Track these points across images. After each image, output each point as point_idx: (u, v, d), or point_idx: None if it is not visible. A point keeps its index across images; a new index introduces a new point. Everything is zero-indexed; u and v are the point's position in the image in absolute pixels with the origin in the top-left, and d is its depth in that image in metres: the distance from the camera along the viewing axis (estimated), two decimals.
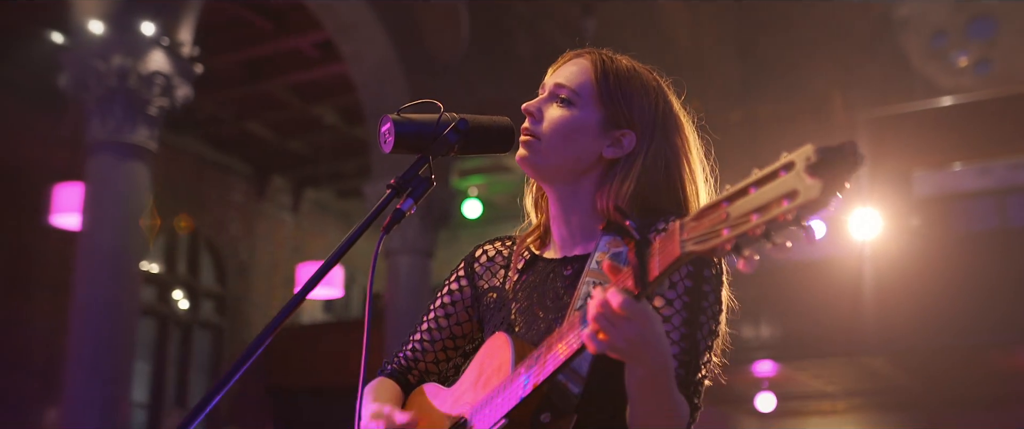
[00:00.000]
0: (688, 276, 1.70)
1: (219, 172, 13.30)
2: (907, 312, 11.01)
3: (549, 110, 1.80)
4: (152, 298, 12.29)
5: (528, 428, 1.56)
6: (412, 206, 1.64)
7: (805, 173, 1.09)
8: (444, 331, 1.99)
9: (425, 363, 2.00)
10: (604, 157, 1.79)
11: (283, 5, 10.26)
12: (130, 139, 7.43)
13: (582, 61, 1.83)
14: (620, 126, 1.79)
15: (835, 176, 1.08)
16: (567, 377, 1.57)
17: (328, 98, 12.20)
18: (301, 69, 11.36)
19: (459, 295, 1.98)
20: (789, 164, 1.11)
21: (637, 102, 1.79)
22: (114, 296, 7.43)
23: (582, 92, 1.79)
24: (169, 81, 7.61)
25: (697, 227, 1.22)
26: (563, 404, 1.57)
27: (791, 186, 1.10)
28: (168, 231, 12.54)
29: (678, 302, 1.68)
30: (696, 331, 1.68)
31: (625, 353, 1.41)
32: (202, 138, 12.92)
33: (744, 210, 1.15)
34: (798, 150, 1.11)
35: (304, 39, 10.72)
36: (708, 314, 1.71)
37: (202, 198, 13.00)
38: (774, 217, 1.11)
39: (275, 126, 12.92)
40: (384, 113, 6.59)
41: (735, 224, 1.16)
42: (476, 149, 1.74)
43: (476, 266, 1.98)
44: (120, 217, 7.45)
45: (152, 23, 7.53)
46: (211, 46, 9.70)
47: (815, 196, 1.08)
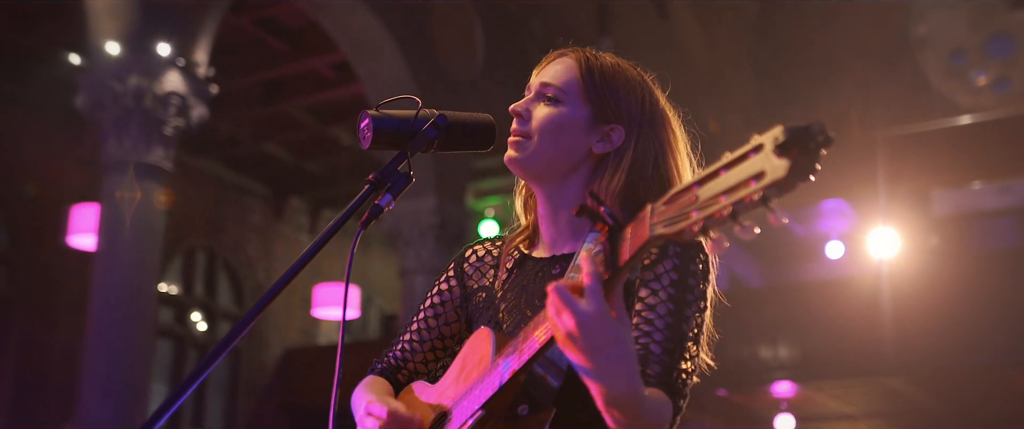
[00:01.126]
0: (674, 269, 1.69)
1: (237, 193, 13.37)
2: (926, 332, 10.91)
3: (537, 109, 1.81)
4: (170, 319, 12.34)
5: (505, 420, 1.55)
6: (391, 202, 1.64)
7: (773, 153, 1.08)
8: (433, 331, 1.99)
9: (414, 363, 2.00)
10: (593, 153, 1.79)
11: (299, 26, 10.33)
12: (146, 159, 7.47)
13: (566, 59, 1.84)
14: (608, 121, 1.79)
15: (802, 156, 1.07)
16: (546, 370, 1.56)
17: (345, 119, 12.25)
18: (318, 90, 11.42)
19: (449, 295, 1.99)
20: (758, 146, 1.11)
21: (624, 97, 1.80)
22: (130, 316, 7.44)
23: (569, 89, 1.80)
24: (185, 101, 7.65)
25: (667, 210, 1.22)
26: (542, 396, 1.55)
27: (759, 167, 1.10)
28: (186, 253, 12.60)
29: (663, 293, 1.68)
30: (681, 323, 1.67)
31: (582, 346, 1.34)
32: (220, 160, 12.99)
33: (713, 192, 1.15)
34: (768, 132, 1.10)
35: (320, 60, 10.78)
36: (693, 307, 1.70)
37: (220, 220, 13.06)
38: (741, 198, 1.11)
39: (292, 147, 12.98)
40: None
41: (704, 206, 1.16)
42: (456, 146, 1.74)
43: (466, 266, 1.99)
44: (136, 237, 7.49)
45: (168, 44, 7.59)
46: (228, 67, 9.79)
47: (781, 176, 1.07)
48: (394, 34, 9.75)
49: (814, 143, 1.08)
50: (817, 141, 1.08)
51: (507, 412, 1.55)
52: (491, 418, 1.55)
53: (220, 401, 12.95)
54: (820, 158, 1.08)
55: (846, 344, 11.39)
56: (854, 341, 11.34)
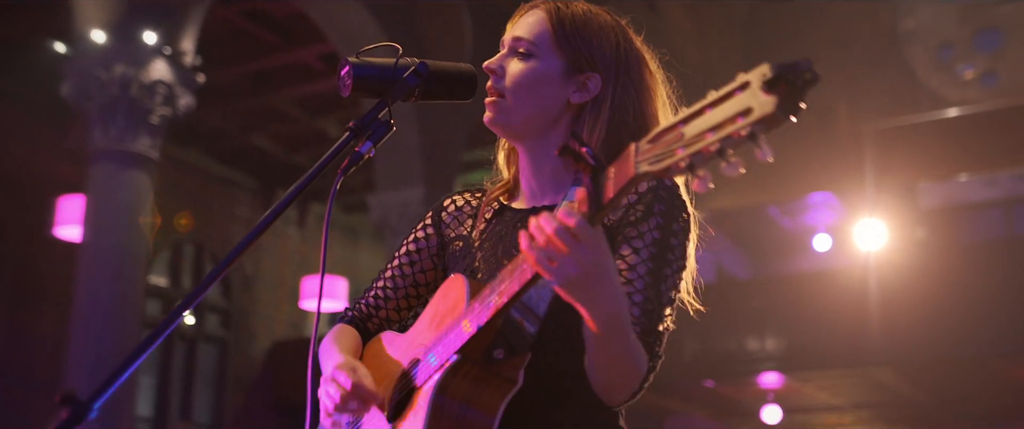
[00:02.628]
0: (656, 227, 1.69)
1: (224, 186, 13.33)
2: (913, 323, 10.95)
3: (510, 65, 1.80)
4: (157, 312, 12.29)
5: (481, 364, 1.55)
6: (371, 149, 1.63)
7: (760, 90, 1.10)
8: (407, 279, 1.97)
9: (387, 311, 1.99)
10: (572, 103, 1.79)
11: (287, 17, 10.29)
12: (132, 148, 7.44)
13: (537, 12, 1.83)
14: (583, 70, 1.78)
15: (790, 92, 1.09)
16: (523, 315, 1.56)
17: (333, 111, 12.23)
18: (306, 82, 11.39)
19: (425, 243, 1.98)
20: (745, 83, 1.12)
21: (597, 43, 1.79)
22: (117, 309, 7.41)
23: (540, 42, 1.79)
24: (171, 90, 7.62)
25: (652, 149, 1.22)
26: (517, 342, 1.55)
27: (746, 103, 1.11)
28: (173, 245, 12.55)
29: (645, 252, 1.68)
30: (660, 283, 1.68)
31: (575, 283, 1.37)
32: (207, 152, 12.95)
33: (700, 129, 1.15)
34: (754, 69, 1.11)
35: (309, 52, 10.75)
36: (673, 267, 1.70)
37: (208, 212, 13.02)
38: (728, 134, 1.12)
39: (280, 140, 12.95)
40: None
41: (690, 143, 1.16)
42: (438, 95, 1.73)
43: (444, 215, 1.98)
44: (122, 226, 7.45)
45: (154, 32, 7.56)
46: (215, 59, 9.74)
47: (770, 111, 1.08)
48: (383, 26, 9.73)
49: (801, 80, 1.09)
50: (804, 78, 1.09)
51: (483, 356, 1.55)
52: (466, 362, 1.55)
53: (208, 395, 12.91)
54: (806, 95, 1.09)
55: (833, 336, 11.42)
56: (841, 333, 11.37)
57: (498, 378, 1.54)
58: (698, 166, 1.16)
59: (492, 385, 1.54)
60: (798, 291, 11.78)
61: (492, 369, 1.55)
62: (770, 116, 1.09)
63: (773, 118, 1.09)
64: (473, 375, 1.55)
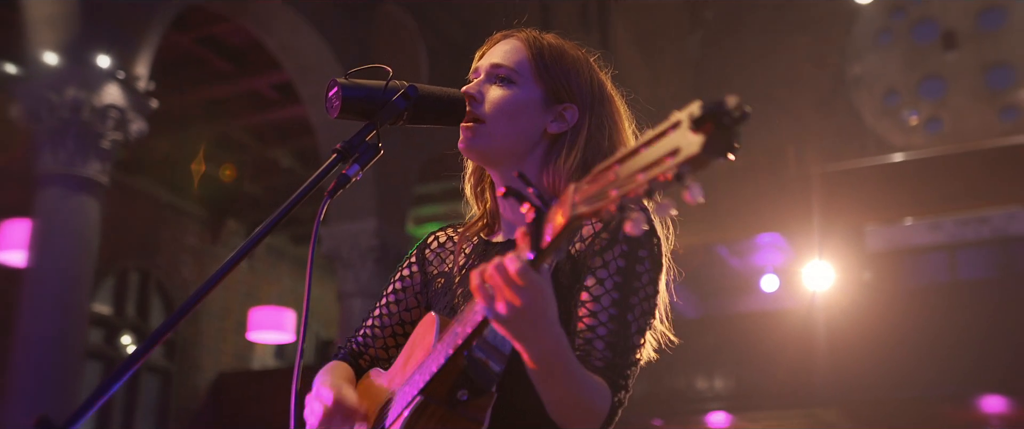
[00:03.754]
0: (621, 256, 1.67)
1: (173, 214, 13.16)
2: (859, 364, 11.08)
3: (490, 91, 1.80)
4: (99, 340, 12.05)
5: (445, 405, 1.52)
6: (358, 172, 1.61)
7: (689, 129, 1.05)
8: (394, 317, 1.97)
9: (375, 349, 1.98)
10: (548, 133, 1.79)
11: (242, 45, 10.24)
12: (82, 172, 7.31)
13: (513, 40, 1.84)
14: (562, 100, 1.79)
15: (717, 131, 1.04)
16: (487, 354, 1.52)
17: (286, 141, 12.15)
18: (259, 111, 11.32)
19: (409, 280, 1.97)
20: (676, 123, 1.08)
21: (573, 76, 1.80)
22: (60, 336, 7.24)
23: (521, 70, 1.79)
24: (124, 115, 7.51)
25: (589, 189, 1.18)
26: (482, 382, 1.52)
27: (675, 143, 1.07)
28: (118, 273, 12.34)
29: (609, 282, 1.66)
30: (626, 312, 1.65)
31: (511, 325, 1.36)
32: (157, 180, 12.78)
33: (632, 170, 1.12)
34: (686, 107, 1.07)
35: (262, 80, 10.69)
36: (640, 296, 1.67)
37: (155, 240, 12.83)
38: (656, 175, 1.08)
39: (231, 169, 12.82)
40: None
41: (622, 184, 1.12)
42: (426, 120, 1.72)
43: (427, 252, 1.98)
44: (69, 252, 7.31)
45: (107, 56, 7.46)
46: (168, 85, 9.65)
47: (694, 152, 1.04)
48: (338, 56, 9.71)
49: (729, 118, 1.04)
50: (732, 116, 1.04)
51: (446, 397, 1.52)
52: (430, 404, 1.53)
53: (150, 426, 12.65)
54: (737, 134, 1.05)
55: (781, 376, 11.51)
56: (788, 373, 11.46)
57: (463, 420, 1.52)
58: (627, 207, 1.13)
59: (458, 427, 1.52)
60: (747, 331, 11.87)
61: (457, 411, 1.52)
62: (696, 157, 1.04)
63: (698, 159, 1.04)
64: (438, 416, 1.53)
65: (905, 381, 10.99)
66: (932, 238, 12.36)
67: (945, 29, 13.68)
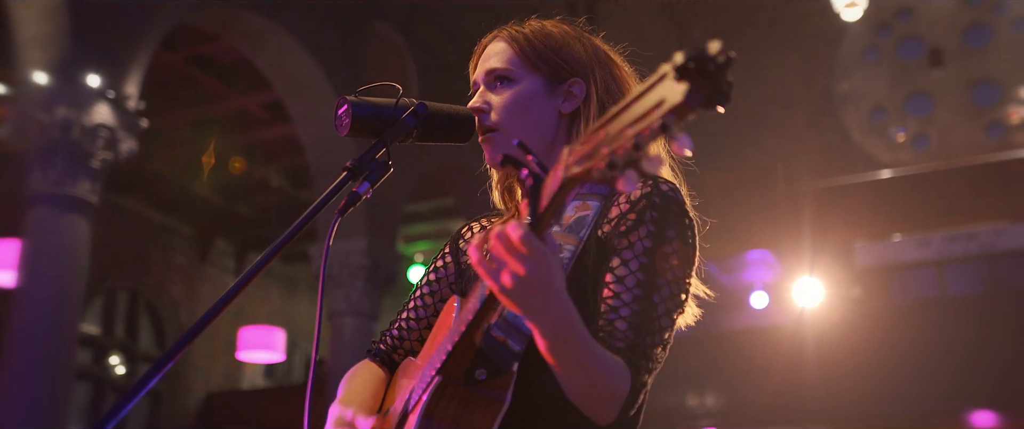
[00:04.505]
0: (648, 236, 1.64)
1: (162, 234, 13.11)
2: (849, 380, 11.09)
3: (493, 98, 1.80)
4: (88, 361, 11.99)
5: (464, 384, 1.50)
6: (369, 190, 1.61)
7: (673, 79, 1.04)
8: (429, 309, 1.95)
9: (410, 342, 1.96)
10: (563, 114, 1.78)
11: (232, 64, 10.24)
12: (71, 192, 7.29)
13: (496, 42, 1.84)
14: (564, 79, 1.79)
15: (701, 78, 1.02)
16: (506, 333, 1.51)
17: (275, 160, 12.14)
18: (249, 130, 11.31)
19: (444, 271, 1.96)
20: (663, 74, 1.06)
21: (565, 51, 1.80)
22: (49, 356, 7.21)
23: (514, 65, 1.79)
24: (114, 134, 7.50)
25: (582, 149, 1.16)
26: (501, 361, 1.50)
27: (661, 95, 1.05)
28: (106, 293, 12.29)
29: (635, 263, 1.62)
30: (652, 293, 1.61)
31: (516, 296, 1.32)
32: (145, 199, 12.75)
33: (621, 126, 1.10)
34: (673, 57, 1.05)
35: (252, 99, 10.68)
36: (669, 276, 1.63)
37: (144, 260, 12.79)
38: (641, 128, 1.06)
39: (220, 188, 12.79)
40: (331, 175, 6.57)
41: (612, 140, 1.10)
42: (436, 137, 1.72)
43: (461, 242, 1.97)
44: (58, 272, 7.28)
45: (97, 75, 7.45)
46: (158, 104, 9.63)
47: (678, 100, 1.02)
48: (328, 75, 9.72)
49: (712, 64, 1.02)
50: (716, 62, 1.02)
51: (464, 377, 1.50)
52: (449, 384, 1.51)
53: None
54: (723, 81, 1.02)
55: (770, 392, 11.51)
56: (778, 389, 11.47)
57: (485, 399, 1.50)
58: (618, 164, 1.09)
59: (480, 406, 1.50)
60: (736, 347, 11.88)
61: (476, 390, 1.50)
62: (679, 105, 1.02)
63: (682, 107, 1.02)
64: (458, 397, 1.51)
65: (894, 396, 11.00)
66: (921, 254, 12.41)
67: (931, 46, 13.76)
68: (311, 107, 9.86)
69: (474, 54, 1.87)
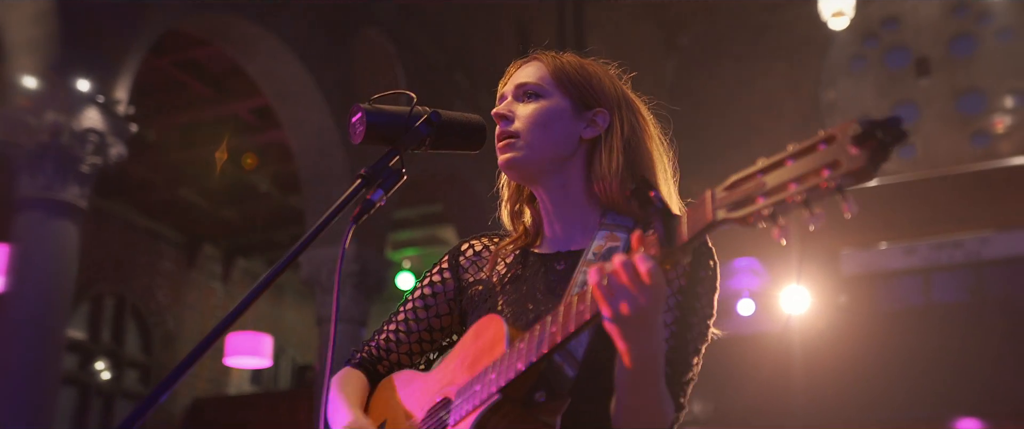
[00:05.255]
0: (682, 275, 1.70)
1: (149, 239, 13.07)
2: (835, 387, 11.14)
3: (519, 108, 1.82)
4: (73, 366, 11.93)
5: (522, 405, 1.53)
6: (383, 197, 1.62)
7: (848, 145, 1.11)
8: (421, 323, 1.95)
9: (397, 354, 1.96)
10: (584, 139, 1.81)
11: (222, 70, 10.22)
12: (60, 197, 7.26)
13: (533, 61, 1.88)
14: (590, 106, 1.82)
15: (879, 148, 1.09)
16: (563, 359, 1.55)
17: (263, 166, 12.11)
18: (237, 135, 11.28)
19: (441, 287, 1.96)
20: (830, 137, 1.13)
21: (596, 82, 1.84)
22: (36, 362, 7.17)
23: (546, 83, 1.83)
24: (103, 139, 7.48)
25: (730, 195, 1.23)
26: (558, 385, 1.54)
27: (832, 157, 1.12)
28: (93, 298, 12.24)
29: (672, 300, 1.68)
30: (686, 331, 1.68)
31: (631, 326, 1.38)
32: (133, 204, 12.70)
33: (781, 180, 1.16)
34: (840, 125, 1.13)
35: (241, 105, 10.66)
36: (700, 316, 1.71)
37: (130, 265, 12.74)
38: (815, 185, 1.13)
39: (208, 193, 12.76)
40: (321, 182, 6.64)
41: (771, 193, 1.17)
42: (447, 145, 1.74)
43: (461, 259, 1.97)
44: (47, 277, 7.25)
45: (87, 80, 7.43)
46: (146, 109, 9.61)
47: (859, 166, 1.10)
48: (318, 81, 9.71)
49: (890, 137, 1.10)
50: (893, 135, 1.10)
51: (525, 397, 1.53)
52: (508, 403, 1.52)
53: None
54: (891, 152, 1.11)
55: (758, 399, 11.55)
56: (765, 396, 11.51)
57: (536, 422, 1.52)
58: (780, 215, 1.17)
59: (531, 428, 1.52)
60: (724, 354, 11.90)
61: (532, 412, 1.53)
62: (859, 171, 1.10)
63: (862, 173, 1.10)
64: (512, 416, 1.53)
65: (880, 403, 11.06)
66: (907, 262, 12.49)
67: (917, 56, 13.86)
68: (301, 113, 9.85)
69: (506, 74, 1.91)
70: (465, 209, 11.29)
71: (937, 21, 13.89)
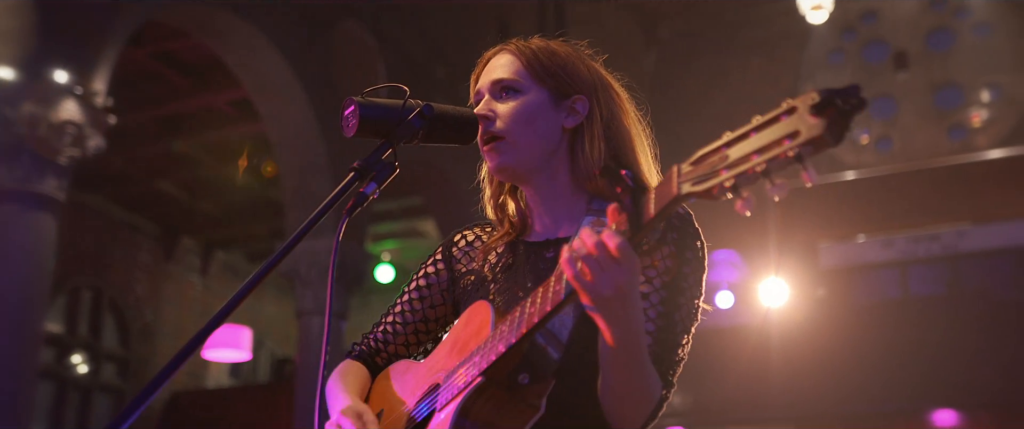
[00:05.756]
0: (669, 256, 1.70)
1: (127, 231, 12.98)
2: (813, 379, 11.20)
3: (499, 107, 1.82)
4: (50, 359, 11.85)
5: (505, 388, 1.54)
6: (376, 190, 1.62)
7: (808, 114, 1.11)
8: (417, 314, 1.97)
9: (395, 346, 1.98)
10: (566, 129, 1.81)
11: (200, 62, 10.16)
12: (38, 189, 7.21)
13: (503, 54, 1.87)
14: (568, 94, 1.82)
15: (838, 116, 1.10)
16: (547, 341, 1.55)
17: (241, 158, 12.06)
18: (215, 127, 11.22)
19: (435, 278, 1.97)
20: (791, 108, 1.14)
21: (571, 69, 1.84)
22: (13, 355, 7.12)
23: (522, 77, 1.82)
24: (81, 131, 7.42)
25: (695, 170, 1.23)
26: (542, 367, 1.54)
27: (793, 127, 1.13)
28: (70, 291, 12.15)
29: (658, 280, 1.69)
30: (674, 311, 1.69)
31: (607, 302, 1.38)
32: (110, 196, 12.61)
33: (745, 152, 1.17)
34: (800, 96, 1.13)
35: (219, 97, 10.61)
36: (687, 295, 1.72)
37: (108, 258, 12.65)
38: (775, 155, 1.13)
39: (186, 185, 12.69)
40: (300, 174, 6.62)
41: (734, 164, 1.17)
42: (440, 138, 1.74)
43: (454, 250, 1.98)
44: (24, 270, 7.19)
45: (65, 71, 7.37)
46: (124, 101, 9.54)
47: (818, 133, 1.10)
48: (298, 74, 9.67)
49: (849, 104, 1.10)
50: (851, 103, 1.10)
51: (508, 380, 1.53)
52: (491, 385, 1.53)
53: None
54: (852, 121, 1.11)
55: (736, 391, 11.60)
56: (743, 388, 11.56)
57: (521, 404, 1.53)
58: (742, 186, 1.17)
59: (515, 411, 1.52)
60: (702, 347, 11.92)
61: (516, 394, 1.53)
62: (817, 138, 1.10)
63: (820, 140, 1.10)
64: (497, 399, 1.53)
65: (858, 395, 11.13)
66: (884, 255, 12.56)
67: (896, 50, 13.93)
68: (279, 105, 9.81)
69: (477, 65, 1.90)
70: (445, 201, 11.27)
71: (915, 15, 13.97)
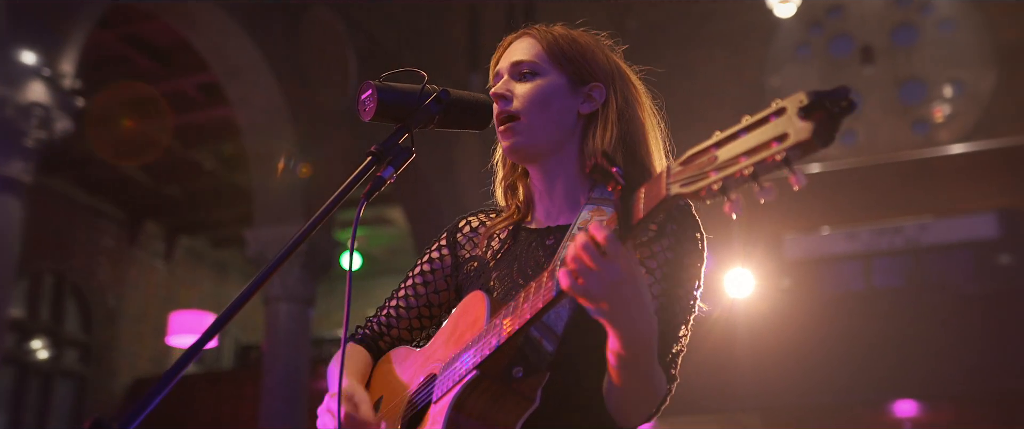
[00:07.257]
0: (669, 248, 1.70)
1: (90, 215, 12.83)
2: (778, 369, 11.31)
3: (517, 88, 1.82)
4: (11, 344, 11.69)
5: (500, 381, 1.53)
6: (393, 174, 1.62)
7: (796, 116, 1.10)
8: (421, 299, 1.97)
9: (398, 330, 1.98)
10: (581, 114, 1.82)
11: (167, 44, 10.05)
12: (3, 172, 7.10)
13: (526, 38, 1.87)
14: (586, 81, 1.83)
15: (826, 119, 1.08)
16: (542, 334, 1.55)
17: (208, 142, 11.95)
18: (183, 111, 11.11)
19: (439, 263, 1.97)
20: (780, 110, 1.12)
21: (590, 56, 1.85)
22: None
23: (541, 61, 1.82)
24: (48, 113, 7.32)
25: (684, 171, 1.22)
26: (536, 360, 1.54)
27: (781, 129, 1.11)
28: (32, 275, 11.99)
29: (658, 272, 1.68)
30: (674, 303, 1.69)
31: (602, 300, 1.36)
32: (73, 179, 12.45)
33: (733, 153, 1.15)
34: (789, 97, 1.12)
35: (187, 80, 10.50)
36: (686, 288, 1.71)
37: (70, 242, 12.50)
38: (763, 158, 1.11)
39: (151, 169, 12.56)
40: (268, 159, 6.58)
41: (723, 166, 1.16)
42: (455, 123, 1.74)
43: (459, 236, 1.97)
44: None
45: (32, 52, 7.26)
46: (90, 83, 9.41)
47: (805, 137, 1.08)
48: (269, 60, 9.59)
49: (837, 107, 1.09)
50: (840, 106, 1.09)
51: (502, 373, 1.53)
52: (485, 379, 1.53)
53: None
54: (841, 124, 1.09)
55: (702, 381, 11.66)
56: (709, 378, 11.63)
57: (516, 396, 1.53)
58: (730, 189, 1.15)
59: (510, 403, 1.52)
60: None
61: (511, 387, 1.53)
62: (806, 142, 1.08)
63: (808, 144, 1.08)
64: (491, 392, 1.53)
65: (822, 386, 11.26)
66: (848, 247, 12.70)
67: (861, 44, 14.06)
68: (248, 90, 9.73)
69: (498, 48, 1.90)
70: (412, 188, 11.23)
71: (880, 10, 14.10)
